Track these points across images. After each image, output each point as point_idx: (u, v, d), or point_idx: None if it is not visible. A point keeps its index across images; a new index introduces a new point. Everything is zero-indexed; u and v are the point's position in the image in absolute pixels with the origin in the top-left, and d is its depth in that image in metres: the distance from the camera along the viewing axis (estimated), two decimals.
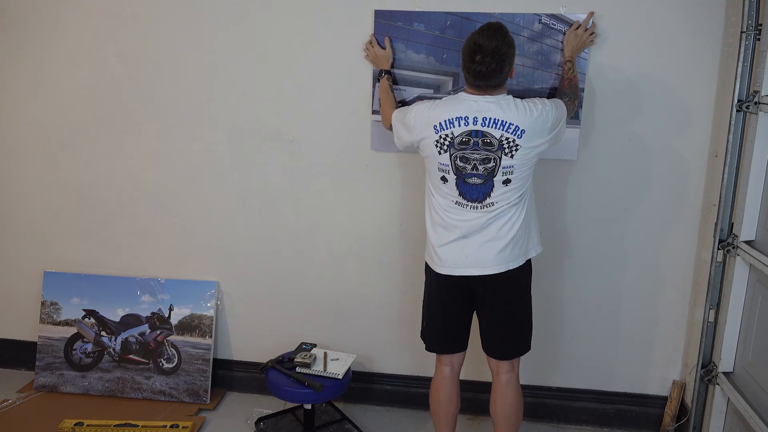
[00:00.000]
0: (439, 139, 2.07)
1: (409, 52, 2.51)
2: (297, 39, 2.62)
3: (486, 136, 2.02)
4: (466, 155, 2.04)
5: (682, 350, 2.71)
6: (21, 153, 2.94)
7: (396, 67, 2.52)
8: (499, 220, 2.10)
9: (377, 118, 2.57)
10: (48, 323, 2.98)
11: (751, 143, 2.23)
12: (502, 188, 2.07)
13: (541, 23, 2.41)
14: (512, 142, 2.02)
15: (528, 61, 2.45)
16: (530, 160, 2.08)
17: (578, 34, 2.37)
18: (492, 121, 2.02)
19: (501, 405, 2.27)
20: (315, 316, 2.89)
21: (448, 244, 2.15)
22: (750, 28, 2.22)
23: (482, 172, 2.05)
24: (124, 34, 2.74)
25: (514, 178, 2.06)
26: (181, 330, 2.92)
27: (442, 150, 2.07)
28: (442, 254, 2.17)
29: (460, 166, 2.06)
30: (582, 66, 2.43)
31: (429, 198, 2.22)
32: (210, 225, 2.87)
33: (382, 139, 2.58)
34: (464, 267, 2.15)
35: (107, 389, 2.93)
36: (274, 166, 2.76)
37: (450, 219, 2.14)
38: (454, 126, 2.04)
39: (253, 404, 2.91)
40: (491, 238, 2.11)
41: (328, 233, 2.80)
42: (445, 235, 2.16)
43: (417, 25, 2.48)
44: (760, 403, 2.17)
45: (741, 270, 2.33)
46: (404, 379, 2.91)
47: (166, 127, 2.79)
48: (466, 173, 2.06)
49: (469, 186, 2.08)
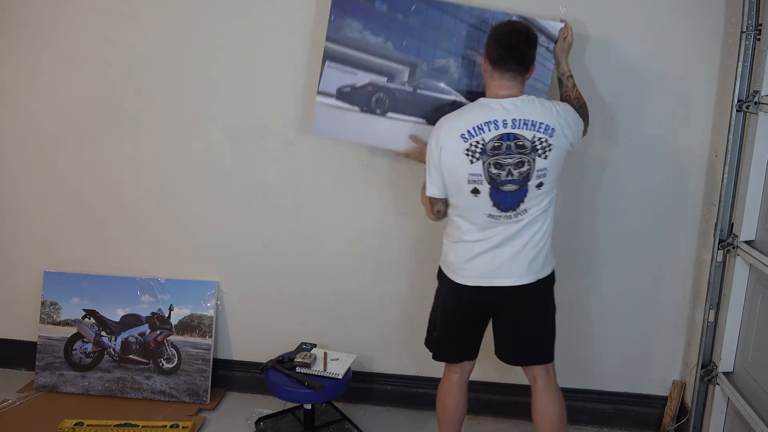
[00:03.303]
0: (470, 147, 1.97)
1: (366, 32, 2.30)
2: (297, 39, 2.62)
3: (518, 138, 1.96)
4: (500, 161, 1.97)
5: (682, 350, 2.71)
6: (21, 153, 2.94)
7: (350, 47, 2.32)
8: (531, 228, 2.05)
9: (323, 100, 2.36)
10: (48, 323, 2.98)
11: (751, 143, 2.24)
12: (535, 192, 2.01)
13: None
14: (545, 142, 1.97)
15: None
16: (560, 162, 2.04)
17: (568, 42, 2.26)
18: (522, 122, 1.96)
19: (542, 410, 2.24)
20: (315, 316, 2.89)
21: (476, 257, 2.08)
22: (750, 28, 2.22)
23: (517, 177, 1.98)
24: (124, 34, 2.74)
25: (546, 181, 2.01)
26: (181, 330, 2.92)
27: (473, 159, 1.98)
28: (470, 267, 2.10)
29: (494, 173, 1.98)
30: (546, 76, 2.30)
31: (453, 217, 2.13)
32: (210, 225, 2.87)
33: (325, 123, 2.41)
34: (495, 278, 2.09)
35: (107, 389, 2.93)
36: (274, 166, 2.76)
37: (479, 234, 2.07)
38: (483, 132, 1.96)
39: (253, 404, 2.91)
40: (522, 247, 2.06)
41: (328, 233, 2.80)
42: (473, 249, 2.09)
43: (379, 4, 2.28)
44: (760, 403, 2.17)
45: (741, 270, 2.33)
46: (404, 379, 2.91)
47: (166, 127, 2.79)
48: (501, 180, 1.98)
49: (503, 194, 2.00)
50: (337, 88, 2.36)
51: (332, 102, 2.38)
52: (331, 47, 2.34)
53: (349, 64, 2.34)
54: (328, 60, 2.34)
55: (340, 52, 2.34)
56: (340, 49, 2.34)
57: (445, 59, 2.32)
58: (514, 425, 2.82)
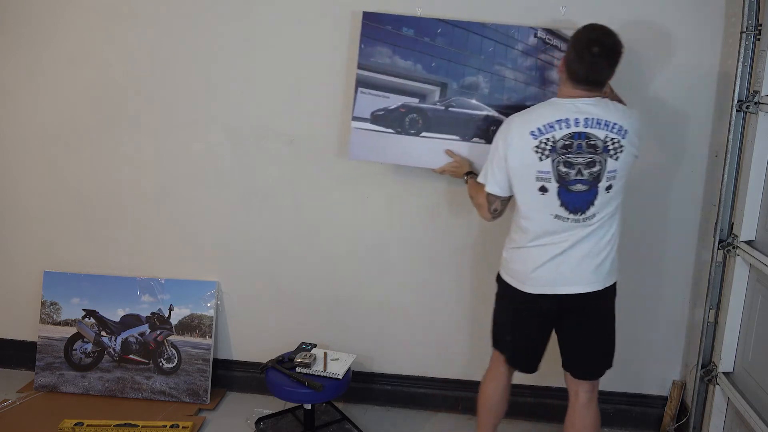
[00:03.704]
0: (540, 145, 1.94)
1: (396, 57, 2.40)
2: (297, 39, 2.62)
3: (590, 137, 1.92)
4: (570, 160, 1.93)
5: (682, 350, 2.71)
6: (21, 153, 2.94)
7: (381, 72, 2.41)
8: (598, 233, 2.01)
9: (359, 125, 2.45)
10: (48, 323, 2.98)
11: (751, 143, 2.24)
12: (605, 196, 1.97)
13: (537, 37, 2.33)
14: (617, 143, 1.94)
15: (521, 75, 2.35)
16: (629, 166, 2.00)
17: None
18: (595, 122, 1.92)
19: (581, 426, 2.18)
20: (315, 316, 2.89)
21: (543, 265, 2.03)
22: (750, 28, 2.22)
23: (587, 178, 1.94)
24: (124, 34, 2.74)
25: (615, 184, 1.97)
26: (181, 330, 2.92)
27: (543, 156, 1.94)
28: (535, 276, 2.05)
29: (564, 172, 1.94)
30: None
31: (517, 220, 2.09)
32: (210, 225, 2.87)
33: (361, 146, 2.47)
34: (561, 285, 2.03)
35: (107, 389, 2.93)
36: (274, 166, 2.76)
37: (545, 239, 2.02)
38: (554, 129, 1.93)
39: (253, 404, 2.91)
40: (588, 253, 2.01)
41: (329, 233, 2.80)
42: (539, 256, 2.03)
43: (406, 30, 2.38)
44: (760, 403, 2.17)
45: (741, 270, 2.33)
46: (404, 379, 2.91)
47: (166, 127, 2.80)
48: (570, 180, 1.94)
49: (573, 194, 1.96)
50: (371, 112, 2.44)
51: (367, 126, 2.46)
52: (363, 74, 2.43)
53: (381, 88, 2.43)
54: (361, 86, 2.44)
55: (371, 78, 2.43)
56: (371, 76, 2.43)
57: (475, 76, 2.39)
58: (514, 425, 2.82)
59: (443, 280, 2.77)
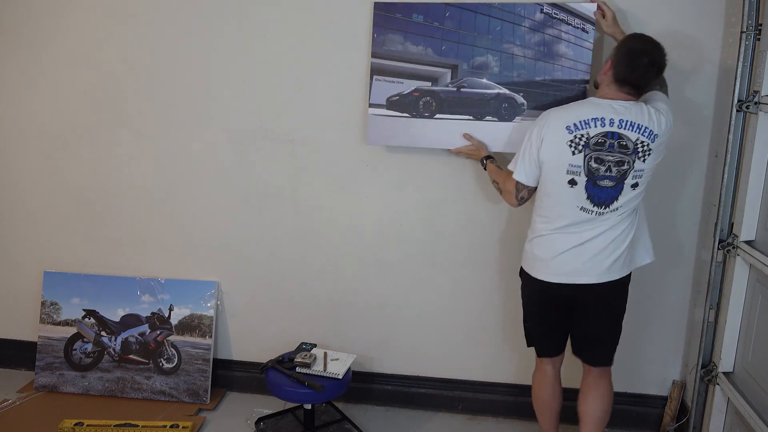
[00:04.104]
0: (574, 139, 2.04)
1: (407, 44, 2.47)
2: (297, 38, 2.62)
3: (622, 138, 2.02)
4: (602, 156, 2.04)
5: (682, 350, 2.71)
6: (21, 153, 2.94)
7: (394, 59, 2.49)
8: (618, 227, 2.11)
9: (375, 111, 2.52)
10: (48, 323, 2.98)
11: (751, 143, 2.23)
12: (630, 193, 2.08)
13: (543, 13, 2.38)
14: (646, 146, 2.04)
15: (529, 52, 2.41)
16: (654, 166, 2.10)
17: (610, 17, 2.29)
18: (629, 124, 2.02)
19: (593, 402, 2.29)
20: (315, 316, 2.89)
21: (562, 253, 2.14)
22: (750, 28, 2.22)
23: (615, 175, 2.04)
24: (124, 34, 2.74)
25: (641, 182, 2.08)
26: (181, 330, 2.92)
27: (576, 150, 2.05)
28: (555, 264, 2.16)
29: (594, 167, 2.04)
30: (586, 57, 2.38)
31: (540, 209, 2.18)
32: (210, 225, 2.87)
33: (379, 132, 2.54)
34: (579, 275, 2.14)
35: (107, 389, 2.93)
36: (274, 166, 2.76)
37: (567, 228, 2.12)
38: (589, 126, 2.03)
39: (253, 404, 2.91)
40: (606, 245, 2.11)
41: (328, 233, 2.80)
42: (560, 244, 2.14)
43: (416, 16, 2.45)
44: (760, 403, 2.17)
45: (741, 270, 2.33)
46: (404, 379, 2.91)
47: (166, 127, 2.80)
48: (599, 175, 2.05)
49: (599, 189, 2.06)
50: (386, 98, 2.52)
51: (383, 112, 2.52)
52: (377, 62, 2.51)
53: (395, 75, 2.50)
54: (375, 74, 2.51)
55: (385, 65, 2.50)
56: (385, 63, 2.50)
57: (484, 56, 2.45)
58: (514, 425, 2.83)
59: (443, 280, 2.77)
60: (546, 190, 2.14)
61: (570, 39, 2.38)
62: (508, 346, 2.80)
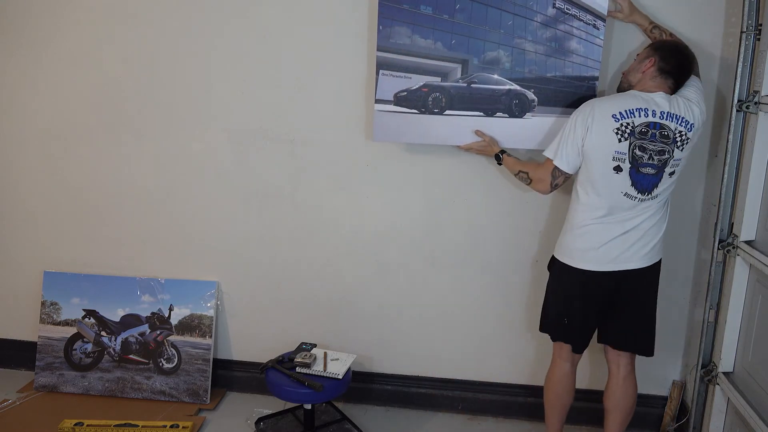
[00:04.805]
0: (620, 127, 2.12)
1: (415, 37, 2.39)
2: (297, 38, 2.62)
3: (664, 128, 2.12)
4: (645, 145, 2.12)
5: (682, 350, 2.71)
6: (21, 153, 2.94)
7: (401, 53, 2.41)
8: (656, 215, 2.21)
9: (382, 107, 2.46)
10: (48, 323, 2.98)
11: (751, 143, 2.24)
12: (668, 180, 2.17)
13: (555, 8, 2.35)
14: (684, 136, 2.13)
15: (541, 47, 2.38)
16: (688, 155, 2.20)
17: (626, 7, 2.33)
18: (669, 115, 2.12)
19: (623, 397, 2.37)
20: (315, 316, 2.89)
21: (609, 242, 2.20)
22: (750, 28, 2.22)
23: (656, 163, 2.13)
24: (124, 34, 2.74)
25: (677, 170, 2.18)
26: (181, 330, 2.92)
27: (622, 138, 2.12)
28: (601, 252, 2.21)
29: (638, 155, 2.12)
30: (596, 53, 2.37)
31: (584, 199, 2.21)
32: (210, 225, 2.87)
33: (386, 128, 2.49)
34: (625, 262, 2.21)
35: (107, 389, 2.93)
36: (274, 166, 2.76)
37: (612, 217, 2.18)
38: (634, 116, 2.12)
39: (253, 404, 2.91)
40: (647, 231, 2.20)
41: (328, 233, 2.80)
42: (605, 233, 2.20)
43: (424, 8, 2.37)
44: (760, 403, 2.17)
45: (741, 270, 2.33)
46: (404, 379, 2.91)
47: (166, 127, 2.80)
48: (642, 163, 2.13)
49: (642, 175, 2.14)
50: (394, 93, 2.45)
51: (390, 108, 2.46)
52: (383, 56, 2.42)
53: (402, 69, 2.43)
54: (382, 69, 2.43)
55: (392, 59, 2.43)
56: (391, 57, 2.42)
57: (495, 51, 2.41)
58: (514, 425, 2.83)
59: (443, 280, 2.78)
60: (590, 177, 2.18)
61: (581, 35, 2.36)
62: (509, 346, 2.80)
